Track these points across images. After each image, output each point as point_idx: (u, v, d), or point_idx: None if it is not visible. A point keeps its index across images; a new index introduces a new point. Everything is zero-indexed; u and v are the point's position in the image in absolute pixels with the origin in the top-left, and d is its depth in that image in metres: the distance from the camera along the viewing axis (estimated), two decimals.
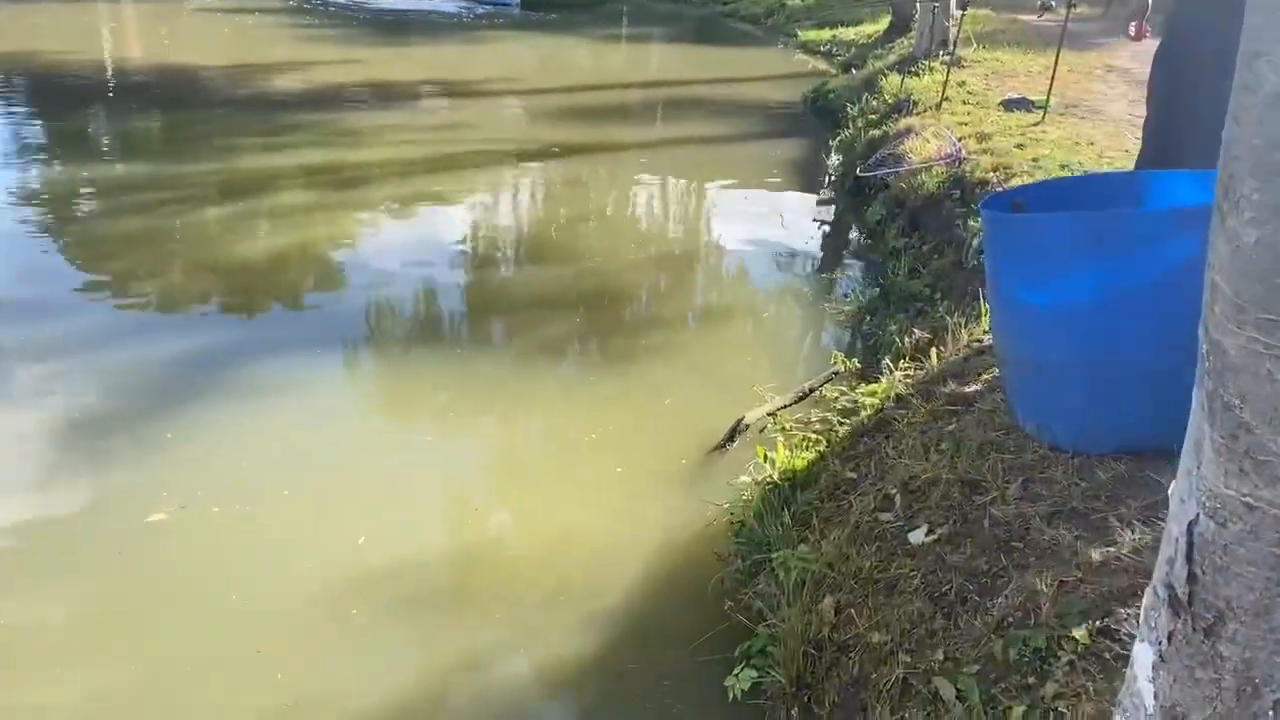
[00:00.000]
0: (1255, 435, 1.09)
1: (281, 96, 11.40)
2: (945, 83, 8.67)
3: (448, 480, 4.00)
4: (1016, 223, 2.87)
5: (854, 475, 3.37)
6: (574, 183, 8.96)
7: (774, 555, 3.06)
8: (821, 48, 16.86)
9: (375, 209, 7.55)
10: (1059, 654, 2.01)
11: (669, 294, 6.37)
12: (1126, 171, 4.80)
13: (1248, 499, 1.11)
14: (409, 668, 2.92)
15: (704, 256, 7.29)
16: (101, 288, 5.74)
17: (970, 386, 3.51)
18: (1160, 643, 1.26)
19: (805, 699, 2.55)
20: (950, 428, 3.22)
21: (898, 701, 2.23)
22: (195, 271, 6.04)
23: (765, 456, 3.74)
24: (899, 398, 3.78)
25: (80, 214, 7.12)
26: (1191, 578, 1.19)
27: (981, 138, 6.87)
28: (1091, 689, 1.89)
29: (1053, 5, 11.14)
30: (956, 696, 2.06)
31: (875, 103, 9.71)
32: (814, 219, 8.09)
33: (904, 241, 6.21)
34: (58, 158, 8.79)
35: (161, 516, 3.52)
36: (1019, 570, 2.32)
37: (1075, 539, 2.33)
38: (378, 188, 8.09)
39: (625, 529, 3.61)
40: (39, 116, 10.38)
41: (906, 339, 4.46)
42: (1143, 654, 1.31)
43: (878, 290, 5.77)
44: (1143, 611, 1.34)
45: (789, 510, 3.35)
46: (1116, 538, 2.29)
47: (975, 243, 5.08)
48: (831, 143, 9.93)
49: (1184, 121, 3.80)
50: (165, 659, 2.92)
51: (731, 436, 4.15)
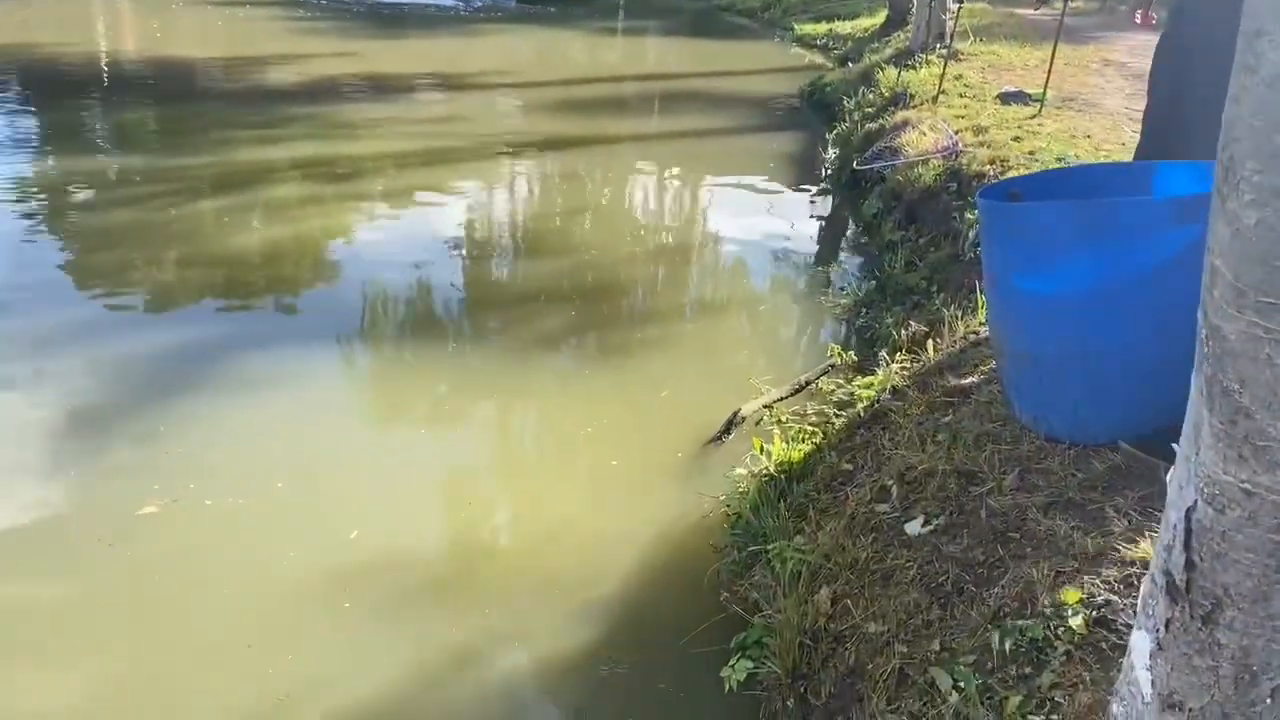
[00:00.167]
0: (1254, 420, 1.08)
1: (276, 89, 11.37)
2: (942, 76, 8.66)
3: (441, 473, 3.98)
4: (1013, 212, 2.86)
5: (850, 467, 3.37)
6: (570, 176, 8.94)
7: (770, 547, 3.06)
8: (818, 41, 16.86)
9: (370, 202, 7.53)
10: (1056, 644, 2.00)
11: (665, 287, 6.36)
12: (1124, 163, 4.79)
13: (1246, 485, 1.10)
14: (401, 660, 2.91)
15: (700, 250, 7.28)
16: (94, 280, 5.71)
17: (967, 378, 3.51)
18: (1158, 630, 1.25)
19: (801, 690, 2.55)
20: (947, 419, 3.21)
21: (894, 692, 2.22)
22: (189, 264, 6.02)
23: (761, 449, 3.74)
24: (895, 390, 3.78)
25: (73, 206, 7.09)
26: (1190, 565, 1.18)
27: (978, 131, 6.86)
28: (1088, 678, 1.88)
29: None
30: (953, 687, 2.06)
31: (872, 96, 9.70)
32: (810, 212, 8.08)
33: (900, 234, 6.20)
34: (51, 150, 8.75)
35: (153, 509, 3.51)
36: (1015, 561, 2.32)
37: (1072, 529, 2.33)
38: (372, 181, 8.07)
39: (621, 521, 3.59)
40: (33, 108, 10.35)
41: (903, 331, 4.45)
42: (1140, 642, 1.30)
43: (874, 283, 5.77)
44: (1140, 599, 1.33)
45: (785, 502, 3.35)
46: (1113, 528, 2.29)
47: (972, 235, 5.07)
48: (828, 136, 9.92)
49: (1188, 112, 3.75)
50: (156, 653, 2.91)
51: (728, 429, 4.15)
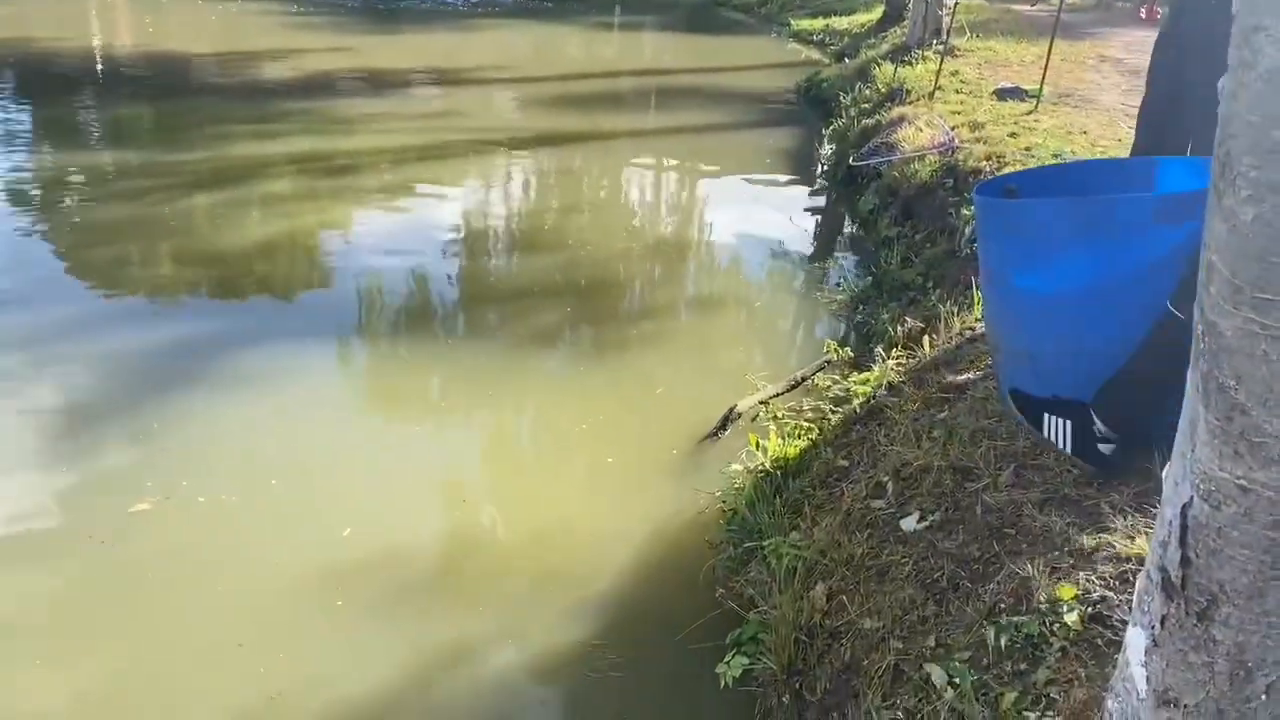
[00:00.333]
0: (1250, 417, 1.07)
1: (271, 84, 11.33)
2: (938, 72, 8.65)
3: (436, 470, 3.98)
4: (1010, 208, 2.85)
5: (846, 463, 3.37)
6: (566, 171, 8.92)
7: (766, 543, 3.06)
8: (814, 37, 16.84)
9: (366, 197, 7.51)
10: (1051, 640, 2.00)
11: (661, 283, 6.35)
12: (1120, 159, 4.79)
13: (1242, 481, 1.10)
14: (395, 658, 2.90)
15: (696, 246, 7.27)
16: (89, 275, 5.69)
17: (963, 374, 3.51)
18: (1153, 626, 1.25)
19: (797, 685, 2.55)
20: (942, 415, 3.21)
21: (889, 688, 2.22)
22: (183, 260, 6.00)
23: (757, 445, 3.73)
24: (891, 386, 3.78)
25: (68, 201, 7.07)
26: (1185, 561, 1.18)
27: (974, 126, 6.85)
28: (1084, 674, 1.89)
29: None
30: (948, 683, 2.06)
31: (868, 92, 9.68)
32: (806, 208, 8.07)
33: (897, 230, 6.20)
34: (45, 145, 8.72)
35: (146, 507, 3.50)
36: (1011, 557, 2.32)
37: (1067, 525, 2.33)
38: (368, 176, 8.04)
39: (617, 518, 3.59)
40: (27, 104, 10.30)
41: (899, 327, 4.45)
42: (1136, 638, 1.30)
43: (870, 279, 5.76)
44: (1136, 595, 1.33)
45: (781, 498, 3.35)
46: (1108, 524, 2.29)
47: (968, 231, 5.07)
48: (824, 132, 9.92)
49: (1187, 108, 3.74)
50: (148, 650, 2.90)
51: (724, 425, 4.14)
